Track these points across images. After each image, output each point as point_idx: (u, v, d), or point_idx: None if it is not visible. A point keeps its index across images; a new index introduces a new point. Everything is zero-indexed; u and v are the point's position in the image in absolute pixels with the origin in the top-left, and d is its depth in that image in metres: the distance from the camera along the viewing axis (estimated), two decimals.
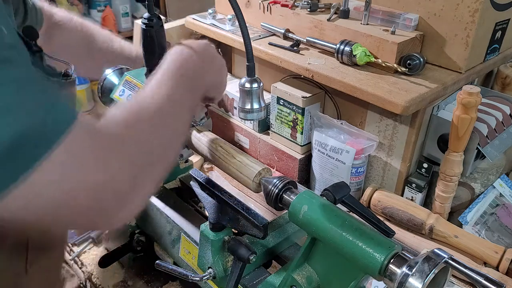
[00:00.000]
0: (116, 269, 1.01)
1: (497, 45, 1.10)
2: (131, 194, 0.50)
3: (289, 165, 1.20)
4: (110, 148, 0.48)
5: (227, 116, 1.34)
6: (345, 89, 1.01)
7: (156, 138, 0.56)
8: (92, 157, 0.45)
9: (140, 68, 0.84)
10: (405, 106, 0.92)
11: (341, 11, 1.15)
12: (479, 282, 0.48)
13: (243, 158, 0.75)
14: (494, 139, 1.06)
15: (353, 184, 1.11)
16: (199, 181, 0.83)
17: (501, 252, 0.91)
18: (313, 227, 0.60)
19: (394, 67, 1.01)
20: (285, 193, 0.67)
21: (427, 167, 1.07)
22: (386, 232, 0.60)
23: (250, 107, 0.75)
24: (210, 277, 0.72)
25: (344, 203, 0.65)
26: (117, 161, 0.48)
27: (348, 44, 1.06)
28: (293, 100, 1.13)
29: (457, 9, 0.98)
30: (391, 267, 0.52)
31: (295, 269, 0.64)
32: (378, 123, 1.07)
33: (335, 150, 1.08)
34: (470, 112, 0.92)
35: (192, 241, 0.80)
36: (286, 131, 1.19)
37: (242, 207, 0.75)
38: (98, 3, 3.02)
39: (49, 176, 0.42)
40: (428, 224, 0.98)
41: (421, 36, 1.05)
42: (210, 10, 1.37)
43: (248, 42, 0.69)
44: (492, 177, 1.11)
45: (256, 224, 0.71)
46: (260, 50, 1.18)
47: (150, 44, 0.76)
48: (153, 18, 0.75)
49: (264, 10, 1.27)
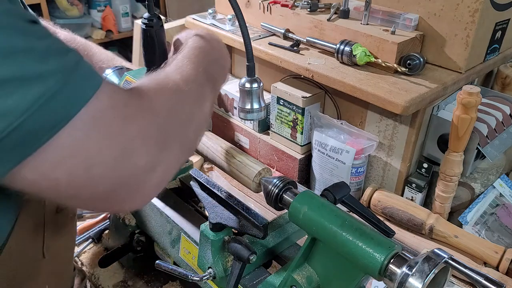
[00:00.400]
0: (116, 269, 1.01)
1: (497, 45, 1.10)
2: (156, 168, 0.49)
3: (289, 165, 1.20)
4: (137, 114, 0.47)
5: (227, 116, 1.34)
6: (345, 89, 1.01)
7: (183, 109, 0.56)
8: (118, 123, 0.45)
9: (140, 68, 0.84)
10: (405, 106, 0.92)
11: (341, 11, 1.15)
12: (479, 282, 0.48)
13: (243, 158, 0.75)
14: (494, 139, 1.06)
15: (353, 184, 1.11)
16: (199, 181, 0.83)
17: (501, 252, 0.91)
18: (313, 227, 0.60)
19: (394, 67, 1.01)
20: (285, 193, 0.67)
21: (427, 167, 1.07)
22: (386, 232, 0.60)
23: (250, 107, 0.75)
24: (210, 277, 0.72)
25: (344, 203, 0.65)
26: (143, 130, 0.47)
27: (348, 44, 1.06)
28: (293, 100, 1.13)
29: (457, 9, 0.98)
30: (391, 267, 0.52)
31: (295, 269, 0.64)
32: (378, 123, 1.07)
33: (335, 150, 1.08)
34: (470, 112, 0.92)
35: (192, 241, 0.80)
36: (286, 131, 1.19)
37: (242, 207, 0.75)
38: (98, 3, 3.02)
39: (73, 141, 0.42)
40: (428, 224, 0.98)
41: (421, 36, 1.05)
42: (210, 10, 1.38)
43: (248, 42, 0.69)
44: (492, 177, 1.11)
45: (256, 224, 0.71)
46: (260, 50, 1.18)
47: (150, 44, 0.76)
48: (153, 18, 0.75)
49: (264, 10, 1.27)
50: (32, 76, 0.39)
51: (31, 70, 0.39)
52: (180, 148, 0.54)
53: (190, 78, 0.60)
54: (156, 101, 0.51)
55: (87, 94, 0.42)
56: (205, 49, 0.69)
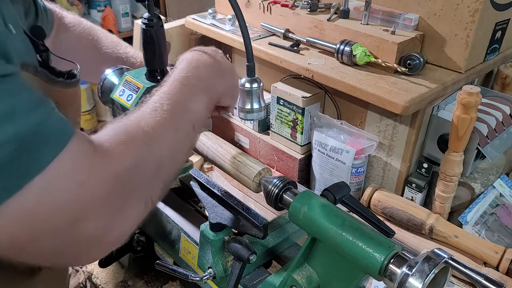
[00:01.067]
0: (116, 269, 1.01)
1: (497, 45, 1.10)
2: (108, 231, 0.47)
3: (289, 165, 1.20)
4: (96, 179, 0.45)
5: (227, 116, 1.34)
6: (345, 89, 1.01)
7: (151, 162, 0.53)
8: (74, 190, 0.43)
9: (140, 68, 0.84)
10: (405, 106, 0.92)
11: (341, 11, 1.15)
12: (479, 282, 0.48)
13: (243, 158, 0.75)
14: (494, 139, 1.06)
15: (353, 184, 1.11)
16: (199, 181, 0.84)
17: (501, 252, 0.91)
18: (313, 227, 0.60)
19: (394, 67, 1.01)
20: (285, 193, 0.67)
21: (427, 167, 1.07)
22: (386, 232, 0.60)
23: (250, 107, 0.75)
24: (210, 277, 0.72)
25: (344, 203, 0.65)
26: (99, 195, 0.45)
27: (348, 44, 1.06)
28: (293, 100, 1.13)
29: (457, 9, 0.98)
30: (391, 267, 0.52)
31: (295, 269, 0.64)
32: (378, 123, 1.07)
33: (335, 150, 1.08)
34: (470, 112, 0.91)
35: (192, 241, 0.80)
36: (286, 131, 1.19)
37: (242, 207, 0.75)
38: (98, 3, 3.01)
39: (21, 209, 0.40)
40: (428, 224, 0.98)
41: (421, 36, 1.05)
42: (210, 10, 1.37)
43: (248, 42, 0.69)
44: (492, 177, 1.11)
45: (256, 224, 0.71)
46: (260, 50, 1.18)
47: (150, 44, 0.76)
48: (153, 18, 0.75)
49: (264, 10, 1.27)
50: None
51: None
52: (143, 202, 0.52)
53: (164, 123, 0.56)
54: (120, 160, 0.49)
55: (45, 161, 0.41)
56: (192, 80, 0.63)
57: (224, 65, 0.70)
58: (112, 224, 0.47)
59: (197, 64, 0.65)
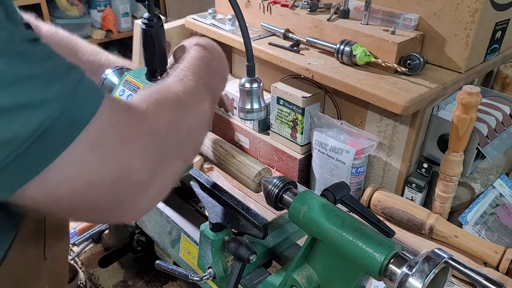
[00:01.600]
0: (116, 269, 1.01)
1: (497, 45, 1.10)
2: (153, 184, 0.50)
3: (289, 165, 1.20)
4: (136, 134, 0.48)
5: (227, 116, 1.34)
6: (345, 89, 1.01)
7: (183, 124, 0.56)
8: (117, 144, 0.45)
9: (140, 68, 0.84)
10: (405, 106, 0.92)
11: (341, 11, 1.15)
12: (479, 282, 0.48)
13: (243, 158, 0.75)
14: (494, 139, 1.06)
15: (353, 184, 1.11)
16: (199, 181, 0.83)
17: (501, 252, 0.91)
18: (313, 227, 0.60)
19: (394, 67, 1.01)
20: (285, 193, 0.67)
21: (427, 167, 1.07)
22: (386, 232, 0.60)
23: (250, 107, 0.75)
24: (210, 277, 0.72)
25: (344, 203, 0.65)
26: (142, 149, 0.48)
27: (348, 44, 1.06)
28: (293, 100, 1.13)
29: (457, 9, 0.98)
30: (391, 267, 0.52)
31: (295, 269, 0.64)
32: (378, 123, 1.07)
33: (335, 150, 1.08)
34: (470, 112, 0.91)
35: (192, 241, 0.80)
36: (286, 131, 1.19)
37: (242, 207, 0.75)
38: (98, 3, 3.02)
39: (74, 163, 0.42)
40: (428, 224, 0.98)
41: (421, 36, 1.05)
42: (210, 10, 1.37)
43: (248, 42, 0.69)
44: (492, 177, 1.11)
45: (256, 224, 0.71)
46: (260, 50, 1.18)
47: (150, 44, 0.76)
48: (153, 18, 0.75)
49: (264, 10, 1.27)
50: (35, 103, 0.39)
51: (34, 97, 0.39)
52: (178, 163, 0.55)
53: (192, 91, 0.60)
54: (156, 119, 0.51)
55: (88, 114, 0.43)
56: (207, 60, 0.69)
57: (219, 52, 0.75)
58: (156, 176, 0.50)
59: (211, 48, 0.72)
